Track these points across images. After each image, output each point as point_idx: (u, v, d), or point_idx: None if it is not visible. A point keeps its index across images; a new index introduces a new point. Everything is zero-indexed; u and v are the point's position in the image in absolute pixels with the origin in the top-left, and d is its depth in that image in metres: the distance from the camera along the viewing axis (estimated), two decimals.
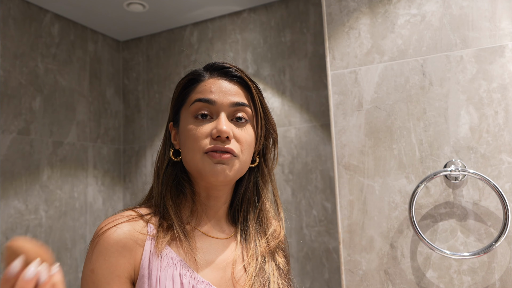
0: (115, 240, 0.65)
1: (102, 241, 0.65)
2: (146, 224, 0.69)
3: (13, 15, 1.89)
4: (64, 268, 2.01)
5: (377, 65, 1.26)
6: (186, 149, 0.72)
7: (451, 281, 1.13)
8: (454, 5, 1.19)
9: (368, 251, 1.22)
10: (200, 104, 0.71)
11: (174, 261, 0.67)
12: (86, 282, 0.64)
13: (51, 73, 2.05)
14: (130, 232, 0.66)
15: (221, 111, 0.71)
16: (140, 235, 0.67)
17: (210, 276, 0.69)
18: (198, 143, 0.69)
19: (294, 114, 2.03)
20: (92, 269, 0.64)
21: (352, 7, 1.31)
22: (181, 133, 0.74)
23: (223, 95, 0.72)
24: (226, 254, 0.74)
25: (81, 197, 2.15)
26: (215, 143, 0.69)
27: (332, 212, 1.91)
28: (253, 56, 2.14)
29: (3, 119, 1.80)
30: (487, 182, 1.07)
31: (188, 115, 0.73)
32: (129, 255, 0.65)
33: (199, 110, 0.71)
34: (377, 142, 1.24)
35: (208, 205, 0.76)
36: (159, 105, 2.37)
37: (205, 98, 0.71)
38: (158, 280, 0.65)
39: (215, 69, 0.75)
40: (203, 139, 0.70)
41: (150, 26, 2.33)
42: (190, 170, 0.73)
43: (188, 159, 0.71)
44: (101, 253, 0.65)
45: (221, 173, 0.69)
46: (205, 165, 0.69)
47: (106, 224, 0.67)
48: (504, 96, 1.12)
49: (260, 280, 0.72)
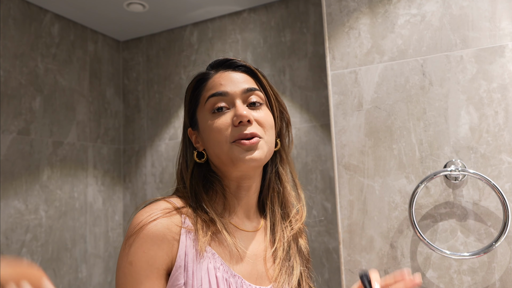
0: (154, 234, 0.66)
1: (142, 235, 0.66)
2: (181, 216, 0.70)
3: (13, 15, 1.89)
4: (64, 268, 2.01)
5: (377, 65, 1.26)
6: (211, 144, 0.73)
7: (451, 281, 1.13)
8: (454, 5, 1.19)
9: (368, 251, 1.22)
10: (214, 99, 0.73)
11: (208, 254, 0.69)
12: (124, 274, 0.65)
13: (51, 73, 2.05)
14: (168, 226, 0.68)
15: (235, 99, 0.73)
16: (177, 228, 0.68)
17: (242, 270, 0.71)
18: (222, 134, 0.71)
19: (294, 114, 2.03)
20: (131, 261, 0.65)
21: (352, 7, 1.31)
22: (203, 132, 0.75)
23: (233, 84, 0.74)
24: (256, 247, 0.76)
25: (81, 197, 2.15)
26: (239, 130, 0.71)
27: (332, 212, 1.91)
28: (253, 56, 2.14)
29: (3, 119, 1.80)
30: (487, 182, 1.07)
31: (205, 113, 0.75)
32: (167, 247, 0.67)
33: (215, 104, 0.73)
34: (377, 142, 1.24)
35: (239, 196, 0.77)
36: (159, 105, 2.37)
37: (217, 92, 0.73)
38: (194, 273, 0.66)
39: (219, 64, 0.78)
40: (226, 129, 0.71)
41: (150, 26, 2.33)
42: (220, 164, 0.74)
43: (216, 153, 0.73)
44: (141, 246, 0.66)
45: (253, 159, 0.71)
46: (236, 154, 0.71)
47: (144, 218, 0.67)
48: (504, 96, 1.12)
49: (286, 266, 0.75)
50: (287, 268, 0.75)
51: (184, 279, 0.66)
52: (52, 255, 1.96)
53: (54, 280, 1.96)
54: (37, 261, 1.89)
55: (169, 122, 2.33)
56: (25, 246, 1.84)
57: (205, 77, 0.77)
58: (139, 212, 0.69)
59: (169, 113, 2.33)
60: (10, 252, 1.77)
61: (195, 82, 0.78)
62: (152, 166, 2.34)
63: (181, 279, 0.66)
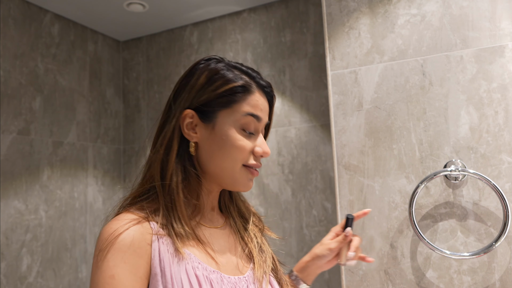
0: (131, 242, 0.65)
1: (117, 245, 0.64)
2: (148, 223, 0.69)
3: (13, 15, 1.89)
4: (64, 268, 2.01)
5: (377, 65, 1.26)
6: (224, 155, 0.73)
7: (451, 281, 1.13)
8: (454, 5, 1.19)
9: (368, 251, 1.22)
10: (252, 120, 0.74)
11: (185, 256, 0.68)
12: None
13: (51, 73, 2.05)
14: (141, 233, 0.66)
15: (260, 129, 0.77)
16: (149, 235, 0.67)
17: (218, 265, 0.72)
18: (244, 156, 0.74)
19: (294, 114, 2.03)
20: (112, 275, 0.62)
21: (352, 7, 1.31)
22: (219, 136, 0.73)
23: (265, 114, 0.77)
24: (226, 240, 0.78)
25: (81, 197, 2.15)
26: (257, 160, 0.76)
27: (332, 212, 1.91)
28: (253, 56, 2.14)
29: (3, 119, 1.80)
30: (487, 182, 1.07)
31: (234, 123, 0.73)
32: (146, 255, 0.66)
33: (249, 124, 0.74)
34: (377, 142, 1.24)
35: (209, 199, 0.79)
36: (159, 105, 2.37)
37: (257, 115, 0.75)
38: (173, 276, 0.65)
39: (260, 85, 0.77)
40: (247, 152, 0.74)
41: (150, 26, 2.33)
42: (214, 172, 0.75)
43: (224, 165, 0.74)
44: (119, 256, 0.63)
45: (251, 186, 0.78)
46: (243, 178, 0.75)
47: (116, 228, 0.65)
48: (504, 96, 1.12)
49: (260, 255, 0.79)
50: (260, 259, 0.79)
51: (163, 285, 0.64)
52: (52, 255, 1.96)
53: (54, 280, 1.96)
54: (37, 261, 1.89)
55: None
56: (25, 246, 1.84)
57: (249, 89, 0.74)
58: (106, 226, 0.67)
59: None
60: (10, 252, 1.77)
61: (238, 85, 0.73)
62: None
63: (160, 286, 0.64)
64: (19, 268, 1.80)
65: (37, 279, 1.87)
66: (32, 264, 1.86)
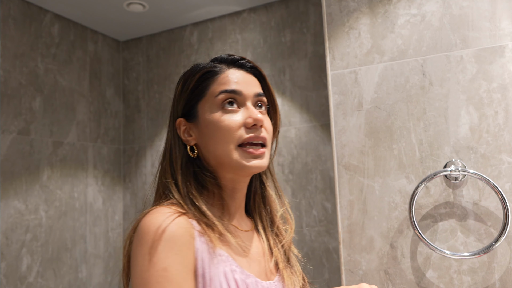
0: (181, 233, 0.62)
1: (168, 236, 0.61)
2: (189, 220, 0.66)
3: (13, 15, 1.89)
4: (64, 268, 2.01)
5: (377, 65, 1.26)
6: (215, 142, 0.70)
7: (451, 281, 1.13)
8: (454, 5, 1.19)
9: (368, 251, 1.22)
10: (227, 95, 0.71)
11: (223, 258, 0.65)
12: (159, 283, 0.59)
13: (51, 73, 2.05)
14: (187, 226, 0.64)
15: (247, 101, 0.72)
16: (192, 230, 0.64)
17: (253, 269, 0.70)
18: (232, 134, 0.69)
19: (294, 114, 2.03)
20: (165, 267, 0.59)
21: (352, 7, 1.31)
22: (205, 126, 0.72)
23: (246, 85, 0.72)
24: (257, 244, 0.76)
25: (81, 197, 2.15)
26: (252, 132, 0.69)
27: (332, 212, 1.91)
28: (253, 56, 2.14)
29: (3, 119, 1.80)
30: (487, 182, 1.07)
31: (212, 107, 0.71)
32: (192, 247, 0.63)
33: (227, 101, 0.71)
34: (377, 142, 1.24)
35: (234, 197, 0.75)
36: (159, 105, 2.37)
37: (231, 89, 0.71)
38: (212, 278, 0.63)
39: (230, 61, 0.75)
40: (237, 130, 0.69)
41: (150, 26, 2.33)
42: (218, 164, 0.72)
43: (218, 152, 0.70)
44: (171, 249, 0.60)
45: (259, 167, 0.70)
46: (243, 161, 0.69)
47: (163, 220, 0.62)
48: (504, 96, 1.12)
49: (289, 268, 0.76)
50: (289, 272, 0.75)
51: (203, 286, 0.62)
52: (52, 255, 1.96)
53: (54, 280, 1.96)
54: (37, 261, 1.89)
55: None
56: (25, 246, 1.84)
57: (215, 70, 0.74)
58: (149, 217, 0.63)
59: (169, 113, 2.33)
60: (10, 252, 1.77)
61: (202, 73, 0.73)
62: (152, 166, 2.34)
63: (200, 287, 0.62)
64: (19, 268, 1.80)
65: (37, 279, 1.87)
66: (32, 264, 1.86)
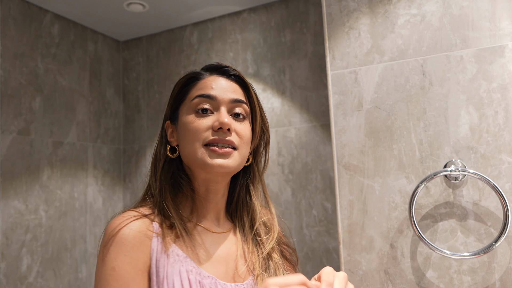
0: (132, 236, 0.67)
1: (119, 239, 0.66)
2: (151, 222, 0.71)
3: (13, 15, 1.89)
4: (64, 268, 2.01)
5: (377, 65, 1.26)
6: (185, 142, 0.74)
7: (451, 281, 1.13)
8: (454, 5, 1.19)
9: (368, 251, 1.22)
10: (201, 100, 0.74)
11: (180, 258, 0.69)
12: (107, 281, 0.65)
13: (51, 73, 2.05)
14: (141, 229, 0.69)
15: (221, 106, 0.74)
16: (149, 232, 0.69)
17: (214, 270, 0.72)
18: (199, 135, 0.72)
19: (294, 114, 2.03)
20: (113, 267, 0.65)
21: (352, 7, 1.31)
22: (180, 128, 0.76)
23: (223, 91, 0.75)
24: (227, 247, 0.77)
25: (81, 197, 2.15)
26: (217, 134, 0.71)
27: (332, 212, 1.91)
28: (253, 56, 2.14)
29: (3, 119, 1.80)
30: (487, 182, 1.07)
31: (188, 110, 0.75)
32: (146, 250, 0.68)
33: (200, 105, 0.74)
34: (377, 142, 1.24)
35: (208, 199, 0.77)
36: (159, 105, 2.37)
37: (206, 94, 0.74)
38: (166, 277, 0.66)
39: (214, 68, 0.79)
40: (204, 131, 0.72)
41: (150, 26, 2.33)
42: (189, 164, 0.75)
43: (187, 152, 0.73)
44: (120, 250, 0.66)
45: (222, 165, 0.71)
46: (206, 158, 0.71)
47: (119, 223, 0.68)
48: (504, 96, 1.12)
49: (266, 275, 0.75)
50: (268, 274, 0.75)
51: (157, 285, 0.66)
52: (52, 255, 1.96)
53: (54, 280, 1.96)
54: (37, 261, 1.89)
55: None
56: (25, 246, 1.84)
57: (197, 76, 0.78)
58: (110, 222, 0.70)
59: None
60: (10, 252, 1.77)
61: (186, 79, 0.79)
62: None
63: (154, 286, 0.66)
64: (19, 268, 1.80)
65: (37, 279, 1.87)
66: (32, 264, 1.86)
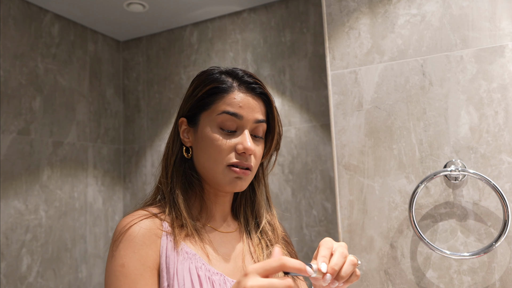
0: (142, 234, 0.69)
1: (129, 236, 0.68)
2: (161, 221, 0.73)
3: (13, 15, 1.89)
4: (64, 268, 2.01)
5: (377, 65, 1.26)
6: (207, 155, 0.75)
7: (451, 281, 1.13)
8: (454, 5, 1.19)
9: (368, 251, 1.22)
10: (228, 117, 0.74)
11: (189, 255, 0.71)
12: (116, 277, 0.66)
13: (51, 73, 2.05)
14: (151, 227, 0.71)
15: (246, 127, 0.75)
16: (158, 231, 0.71)
17: (223, 268, 0.74)
18: (223, 156, 0.73)
19: (294, 114, 2.03)
20: (122, 263, 0.67)
21: (352, 7, 1.31)
22: (201, 137, 0.76)
23: (250, 111, 0.75)
24: (235, 246, 0.79)
25: (81, 197, 2.15)
26: (240, 158, 0.74)
27: (332, 212, 1.91)
28: (253, 56, 2.14)
29: (3, 119, 1.80)
30: (487, 182, 1.07)
31: (212, 122, 0.75)
32: (155, 247, 0.70)
33: (226, 122, 0.74)
34: (377, 142, 1.24)
35: (217, 202, 0.80)
36: (159, 105, 2.37)
37: (234, 113, 0.74)
38: (176, 273, 0.68)
39: (242, 81, 0.76)
40: (228, 152, 0.73)
41: (150, 26, 2.33)
42: (205, 175, 0.77)
43: (207, 166, 0.75)
44: (130, 247, 0.68)
45: (239, 186, 0.75)
46: (226, 178, 0.74)
47: (129, 221, 0.70)
48: (504, 96, 1.12)
49: None
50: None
51: (167, 282, 0.68)
52: (52, 255, 1.96)
53: (54, 280, 1.96)
54: (37, 261, 1.89)
55: (169, 122, 2.33)
56: (25, 246, 1.84)
57: (224, 87, 0.75)
58: (121, 220, 0.72)
59: (169, 113, 2.33)
60: (10, 252, 1.77)
61: (212, 86, 0.75)
62: (152, 166, 2.34)
63: (165, 282, 0.68)
64: (19, 268, 1.80)
65: (37, 279, 1.87)
66: (32, 264, 1.86)
